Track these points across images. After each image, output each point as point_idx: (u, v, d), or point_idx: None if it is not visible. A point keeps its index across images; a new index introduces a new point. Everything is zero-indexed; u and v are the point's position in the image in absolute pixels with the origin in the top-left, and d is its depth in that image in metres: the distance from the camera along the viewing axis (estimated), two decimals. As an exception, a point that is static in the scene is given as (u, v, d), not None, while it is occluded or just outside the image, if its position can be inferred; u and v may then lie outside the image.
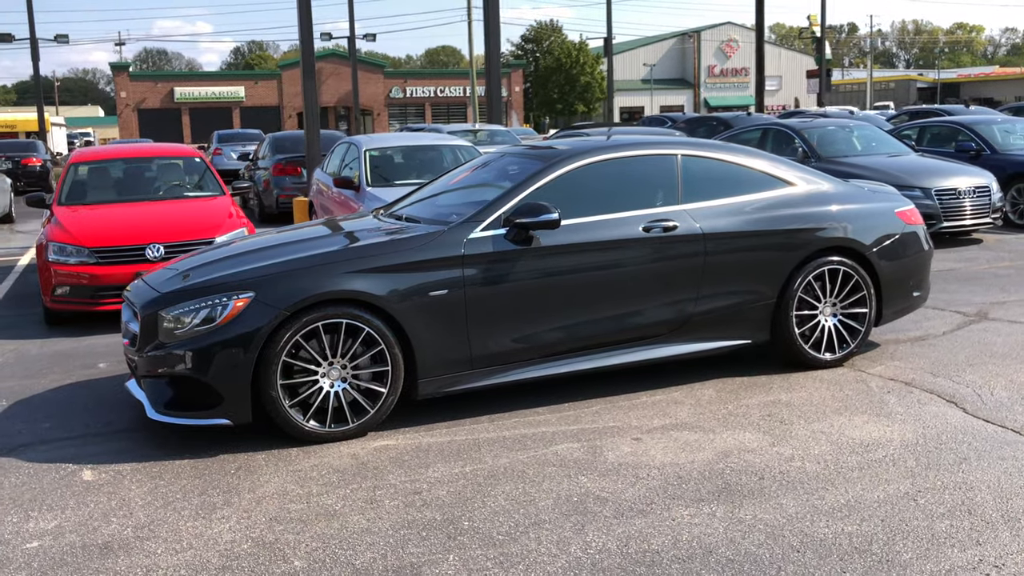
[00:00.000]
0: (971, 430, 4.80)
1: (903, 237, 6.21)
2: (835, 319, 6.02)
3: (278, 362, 4.75)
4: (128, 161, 9.62)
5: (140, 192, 9.24)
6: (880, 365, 6.07)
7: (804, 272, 5.85)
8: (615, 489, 4.18)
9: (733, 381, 5.80)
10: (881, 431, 4.83)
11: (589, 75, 75.84)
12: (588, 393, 5.60)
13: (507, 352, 5.23)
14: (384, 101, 59.38)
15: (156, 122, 54.00)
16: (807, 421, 5.02)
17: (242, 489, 4.32)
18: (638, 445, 4.73)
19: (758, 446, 4.67)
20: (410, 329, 4.97)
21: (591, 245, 5.38)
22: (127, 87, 54.19)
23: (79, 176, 9.22)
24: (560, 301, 5.31)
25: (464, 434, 4.99)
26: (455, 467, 4.51)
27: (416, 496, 4.18)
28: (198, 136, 54.40)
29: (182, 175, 9.56)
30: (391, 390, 4.98)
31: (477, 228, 5.22)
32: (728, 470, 4.37)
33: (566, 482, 4.28)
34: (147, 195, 9.17)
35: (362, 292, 4.86)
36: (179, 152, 9.94)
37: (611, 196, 5.70)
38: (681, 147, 5.93)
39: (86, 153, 9.67)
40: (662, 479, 4.28)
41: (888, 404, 5.26)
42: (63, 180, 9.18)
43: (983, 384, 5.57)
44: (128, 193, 9.19)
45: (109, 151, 9.96)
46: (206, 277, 5.02)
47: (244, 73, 61.04)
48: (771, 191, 5.95)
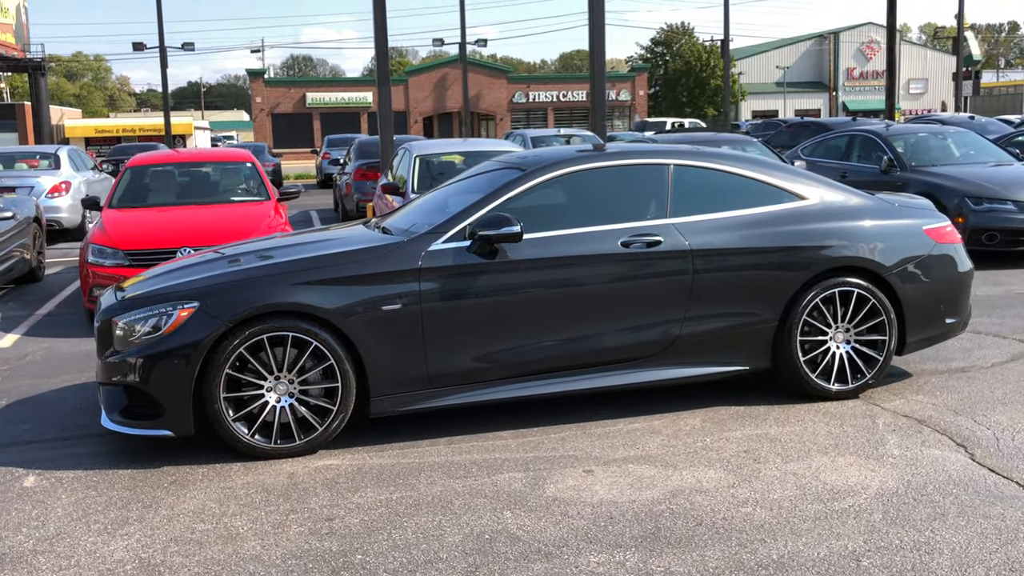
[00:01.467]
0: (967, 480, 4.23)
1: (932, 257, 5.60)
2: (848, 346, 5.47)
3: (221, 374, 4.64)
4: (181, 166, 9.84)
5: (187, 196, 9.43)
6: (899, 399, 5.49)
7: (810, 294, 5.34)
8: (535, 528, 3.87)
9: (725, 411, 5.35)
10: (861, 476, 4.32)
11: (719, 78, 74.11)
12: (563, 417, 5.27)
13: (468, 371, 4.97)
14: (507, 106, 59.61)
15: (289, 126, 55.92)
16: (784, 460, 4.56)
17: (162, 504, 4.23)
18: (586, 479, 4.39)
19: (715, 486, 4.25)
20: (361, 344, 4.78)
21: (563, 260, 5.06)
22: (262, 92, 56.33)
23: (133, 180, 9.48)
24: (528, 319, 5.01)
25: (414, 456, 4.76)
26: (384, 493, 4.29)
27: (327, 523, 3.98)
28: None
29: (232, 180, 9.71)
30: (341, 407, 4.81)
31: (439, 240, 4.98)
32: (667, 512, 3.98)
33: (488, 516, 4.00)
34: (193, 199, 9.35)
35: (308, 305, 4.70)
36: (231, 157, 10.11)
37: (592, 208, 5.36)
38: (675, 156, 5.51)
39: (143, 158, 9.95)
40: (591, 519, 3.94)
41: (885, 445, 4.72)
42: (116, 184, 9.47)
43: (1008, 427, 4.93)
44: (176, 197, 9.40)
45: (165, 156, 10.23)
46: (160, 285, 4.98)
47: (372, 79, 62.42)
48: (777, 205, 5.46)
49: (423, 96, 58.16)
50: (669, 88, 75.43)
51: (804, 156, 13.24)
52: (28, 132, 56.96)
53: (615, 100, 60.82)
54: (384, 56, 14.31)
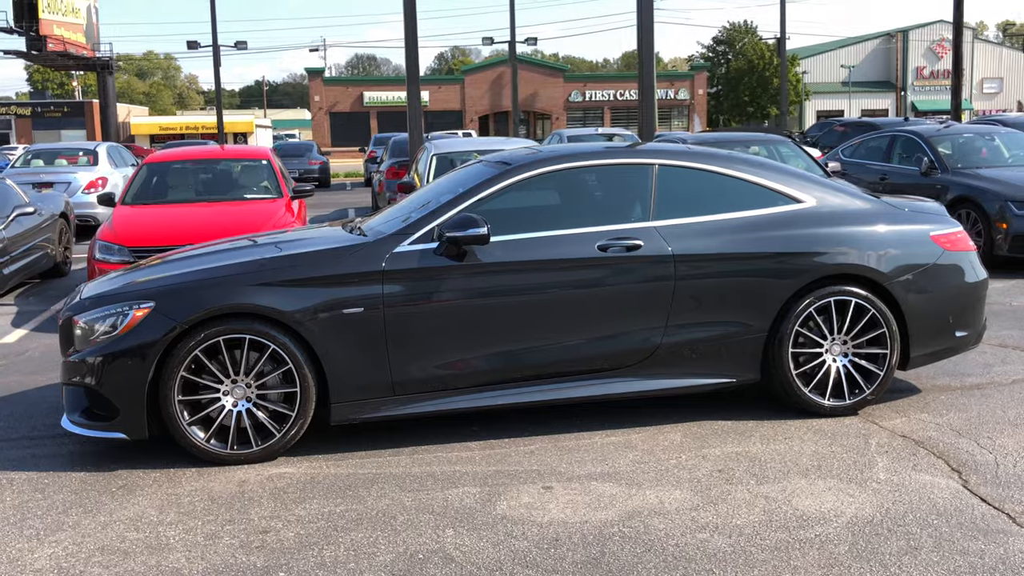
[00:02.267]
0: (952, 510, 3.89)
1: (940, 266, 5.22)
2: (846, 359, 5.13)
3: (176, 377, 4.51)
4: (197, 163, 9.82)
5: (201, 194, 9.40)
6: (900, 416, 5.13)
7: (803, 303, 5.02)
8: (473, 549, 3.65)
9: (711, 425, 5.05)
10: (838, 502, 4.01)
11: (783, 77, 72.65)
12: (538, 428, 5.04)
13: (434, 379, 4.77)
14: (563, 105, 59.28)
15: (346, 125, 56.41)
16: (758, 482, 4.26)
17: (103, 510, 4.11)
18: (542, 496, 4.15)
19: (677, 509, 3.98)
20: (320, 348, 4.60)
21: (536, 264, 4.82)
22: (321, 91, 56.91)
23: (147, 177, 9.48)
24: (498, 325, 4.79)
25: (372, 467, 4.58)
26: (329, 505, 4.11)
27: (261, 536, 3.81)
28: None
29: (246, 177, 9.65)
30: (299, 414, 4.64)
31: (405, 241, 4.78)
32: (617, 536, 3.72)
33: (428, 535, 3.79)
34: (206, 197, 9.30)
35: (265, 307, 4.55)
36: (247, 154, 10.06)
37: (571, 209, 5.12)
38: (660, 156, 5.22)
39: (160, 155, 9.96)
40: (535, 540, 3.70)
41: (873, 468, 4.39)
42: (131, 180, 9.48)
43: (1013, 452, 4.56)
44: (189, 195, 9.37)
45: (181, 153, 10.22)
46: (121, 284, 4.87)
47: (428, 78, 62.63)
48: (770, 208, 5.15)
49: (479, 95, 58.14)
50: (731, 87, 74.27)
51: (844, 157, 12.76)
52: (96, 129, 58.44)
53: (673, 99, 60.11)
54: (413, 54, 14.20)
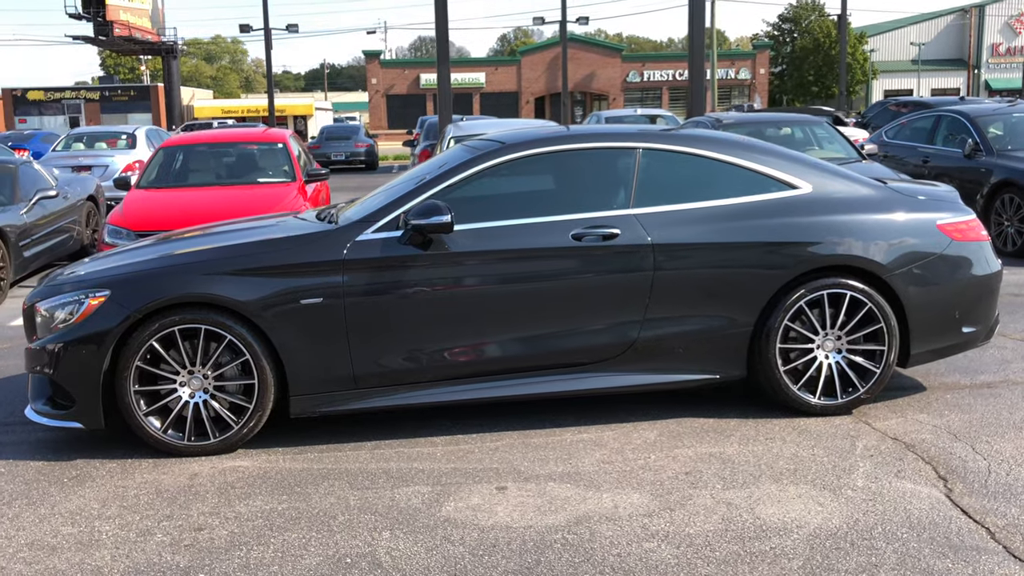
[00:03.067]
0: (928, 523, 3.60)
1: (946, 257, 4.87)
2: (839, 356, 4.82)
3: (131, 366, 4.42)
4: (213, 147, 9.78)
5: (214, 178, 9.35)
6: (897, 417, 4.81)
7: (793, 296, 4.72)
8: (406, 553, 3.48)
9: (691, 423, 4.80)
10: (805, 511, 3.74)
11: (850, 55, 70.74)
12: (510, 423, 4.84)
13: (398, 372, 4.60)
14: (621, 85, 58.50)
15: (403, 107, 56.50)
16: (725, 486, 4.00)
17: (46, 503, 4.04)
18: (493, 497, 3.96)
19: (631, 514, 3.75)
20: (277, 340, 4.47)
21: (504, 254, 4.61)
22: (378, 74, 57.06)
23: (163, 160, 9.47)
24: (465, 317, 4.59)
25: (329, 461, 4.43)
26: (272, 502, 3.98)
27: (194, 534, 3.70)
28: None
29: (261, 161, 9.58)
30: (257, 406, 4.51)
31: (369, 229, 4.61)
32: (559, 543, 3.51)
33: (364, 536, 3.63)
34: (219, 180, 9.26)
35: (219, 296, 4.42)
36: (263, 138, 9.98)
37: (547, 196, 4.90)
38: (645, 140, 4.94)
39: (175, 139, 9.95)
40: (472, 546, 3.52)
41: (852, 473, 4.09)
42: (148, 164, 9.48)
43: (1009, 458, 4.22)
44: (202, 178, 9.33)
45: (198, 137, 10.19)
46: (84, 271, 4.79)
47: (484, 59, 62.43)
48: (762, 195, 4.85)
49: (535, 76, 57.71)
50: (795, 66, 72.55)
51: (888, 139, 12.22)
52: (161, 113, 59.57)
53: (734, 79, 58.94)
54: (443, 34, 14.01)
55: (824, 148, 10.33)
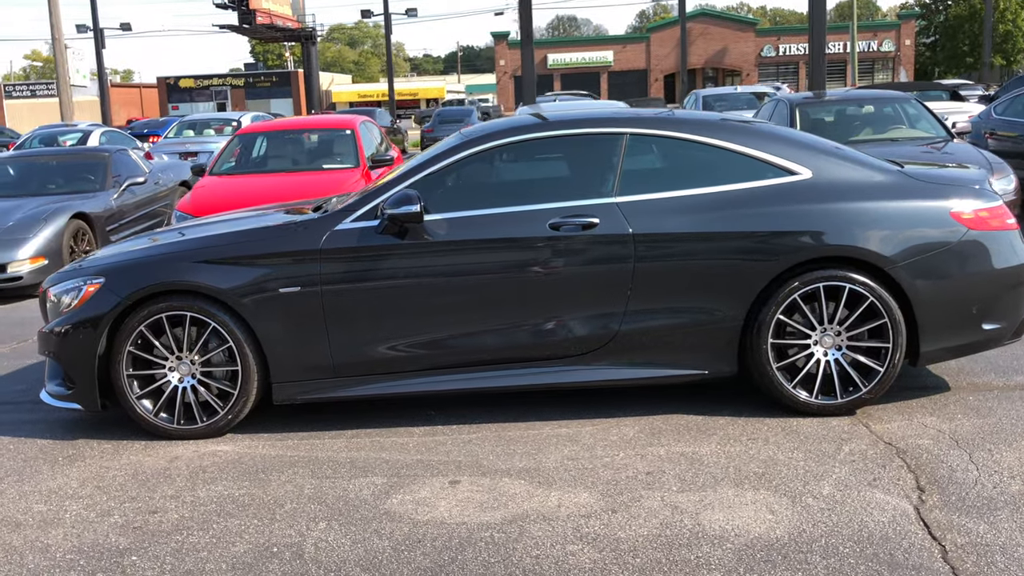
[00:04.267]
0: (880, 538, 3.35)
1: (961, 246, 4.50)
2: (839, 353, 4.54)
3: (123, 351, 4.62)
4: (284, 134, 10.07)
5: (283, 164, 9.62)
6: (903, 419, 4.49)
7: (786, 289, 4.47)
8: (331, 545, 3.51)
9: (678, 420, 4.63)
10: (752, 519, 3.55)
11: (1010, 23, 66.06)
12: (493, 415, 4.80)
13: (377, 361, 4.62)
14: (755, 60, 56.74)
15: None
16: (681, 489, 3.84)
17: (34, 480, 4.28)
18: (444, 491, 3.94)
19: (570, 515, 3.66)
20: (258, 327, 4.57)
21: (480, 243, 4.55)
22: (506, 55, 57.38)
23: (237, 148, 9.82)
24: (441, 308, 4.57)
25: (304, 449, 4.51)
26: (232, 488, 4.09)
27: (147, 516, 3.84)
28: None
29: (329, 148, 9.79)
30: (241, 392, 4.64)
31: (348, 219, 4.64)
32: (482, 542, 3.47)
33: (300, 526, 3.68)
34: (287, 167, 9.53)
35: (202, 284, 4.55)
36: (331, 124, 10.18)
37: (529, 184, 4.83)
38: (632, 124, 4.76)
39: (251, 126, 10.28)
40: (398, 540, 3.51)
41: (822, 480, 3.85)
42: (222, 152, 9.85)
43: (1006, 470, 3.88)
44: (270, 165, 9.61)
45: (271, 124, 10.49)
46: (94, 259, 5.03)
47: (612, 37, 61.65)
48: (756, 181, 4.60)
49: (665, 53, 56.66)
50: (948, 36, 68.39)
51: (997, 115, 11.37)
52: (300, 98, 61.80)
53: (876, 51, 56.19)
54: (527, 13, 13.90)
55: (912, 126, 9.70)
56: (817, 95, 10.42)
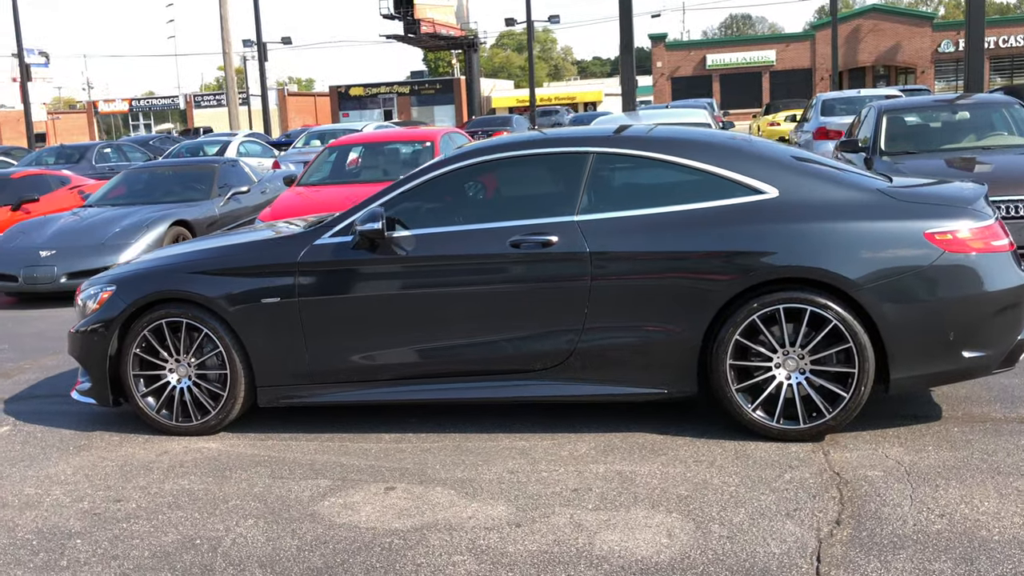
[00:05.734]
0: (761, 570, 3.28)
1: (935, 269, 4.27)
2: (801, 377, 4.41)
3: (130, 353, 5.07)
4: (368, 146, 10.50)
5: (363, 176, 10.05)
6: (868, 448, 4.31)
7: (745, 310, 4.38)
8: (248, 541, 3.76)
9: (636, 438, 4.61)
10: (645, 542, 3.53)
11: None
12: (464, 425, 4.95)
13: (349, 370, 4.86)
14: (931, 57, 53.49)
15: (687, 90, 55.68)
16: (596, 507, 3.86)
17: (41, 466, 4.76)
18: (375, 496, 4.12)
19: (475, 526, 3.76)
20: (243, 334, 4.90)
21: (444, 260, 4.70)
22: (663, 57, 56.74)
23: (325, 160, 10.33)
24: (407, 321, 4.75)
25: (279, 450, 4.81)
26: (196, 483, 4.42)
27: (109, 504, 4.22)
28: (727, 103, 55.19)
29: (408, 159, 10.15)
30: (230, 394, 4.98)
31: (327, 234, 4.90)
32: (377, 548, 3.62)
33: (228, 522, 3.95)
34: (366, 178, 9.94)
35: (195, 293, 4.93)
36: (416, 137, 10.53)
37: (497, 202, 4.93)
38: (600, 143, 4.77)
39: (341, 139, 10.77)
40: (308, 540, 3.73)
41: (741, 508, 3.77)
42: (311, 163, 10.39)
43: (939, 507, 3.68)
44: (352, 177, 10.06)
45: (360, 137, 10.95)
46: (116, 268, 5.51)
47: (774, 36, 59.78)
48: (721, 200, 4.53)
49: (830, 51, 54.40)
50: None
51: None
52: (462, 104, 63.43)
53: (1068, 44, 51.83)
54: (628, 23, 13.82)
55: (1019, 133, 9.07)
56: (962, 95, 9.89)
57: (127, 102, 75.13)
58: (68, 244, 9.47)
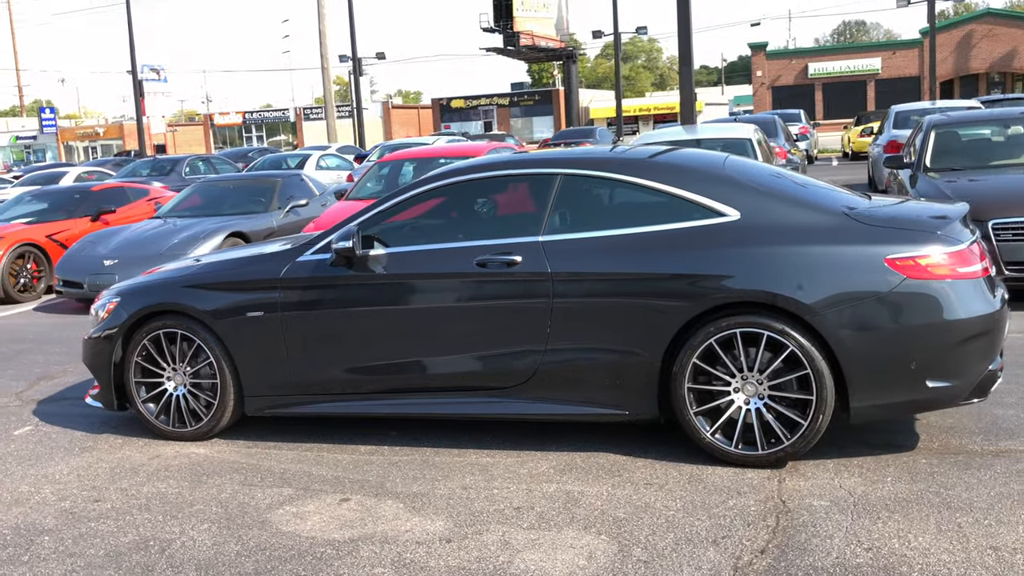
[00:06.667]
0: (663, 596, 3.28)
1: (896, 296, 4.16)
2: (760, 403, 4.35)
3: (132, 361, 5.37)
4: (415, 161, 10.71)
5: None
6: (825, 476, 4.22)
7: (702, 333, 4.36)
8: (197, 544, 3.96)
9: (599, 458, 4.63)
10: (562, 562, 3.57)
11: None
12: (439, 440, 5.06)
13: (327, 383, 5.03)
14: (1052, 63, 50.91)
15: (788, 99, 54.41)
16: (532, 526, 3.91)
17: (43, 465, 5.09)
18: (327, 507, 4.27)
19: (408, 540, 3.86)
20: (232, 346, 5.13)
21: (414, 277, 4.83)
22: (763, 65, 55.63)
23: (373, 174, 10.59)
24: (379, 337, 4.89)
25: (259, 458, 5.01)
26: (173, 487, 4.65)
27: (87, 504, 4.48)
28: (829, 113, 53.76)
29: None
30: (220, 402, 5.22)
31: (309, 251, 5.09)
32: (308, 556, 3.76)
33: (184, 526, 4.16)
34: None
35: (188, 306, 5.18)
36: (465, 151, 10.68)
37: (469, 222, 5.02)
38: (567, 165, 4.82)
39: (389, 155, 11.02)
40: (250, 545, 3.89)
41: (673, 532, 3.76)
42: (361, 177, 10.67)
43: (865, 540, 3.59)
44: (396, 190, 10.29)
45: (409, 152, 11.17)
46: (126, 280, 5.84)
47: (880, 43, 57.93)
48: (681, 223, 4.51)
49: (941, 58, 52.26)
50: None
51: None
52: (561, 115, 63.64)
53: None
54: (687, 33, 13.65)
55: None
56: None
57: (240, 115, 78.10)
58: (129, 254, 10.00)
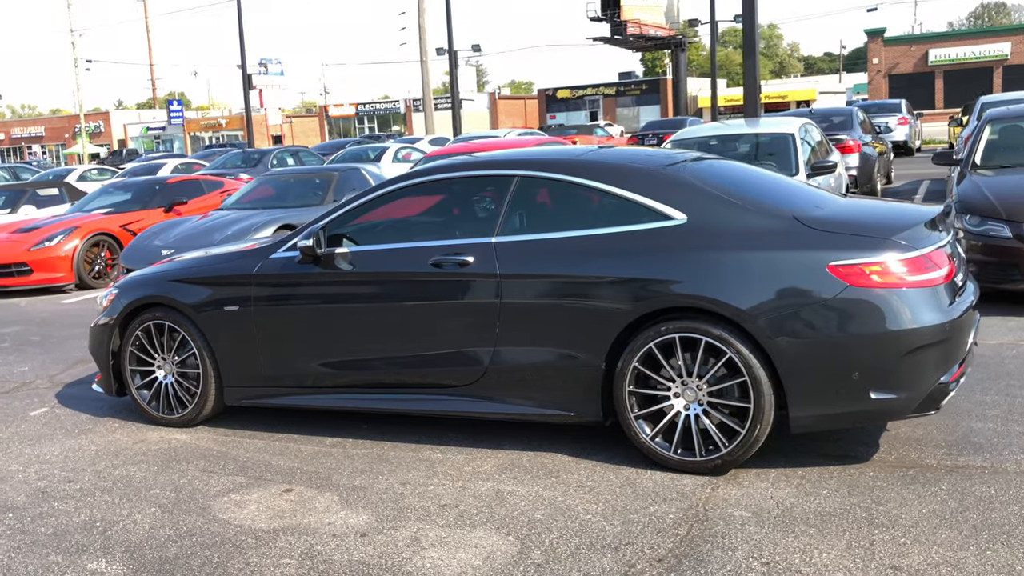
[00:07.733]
0: (538, 601, 3.28)
1: (837, 304, 4.00)
2: (699, 409, 4.27)
3: (127, 349, 5.66)
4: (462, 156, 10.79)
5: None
6: (762, 486, 4.12)
7: (643, 337, 4.30)
8: (137, 526, 4.16)
9: (544, 459, 4.64)
10: (459, 561, 3.60)
11: None
12: (405, 435, 5.16)
13: (296, 375, 5.19)
14: None
15: (906, 87, 52.15)
16: (449, 523, 3.96)
17: (44, 445, 5.42)
18: (270, 497, 4.41)
19: (331, 533, 3.96)
20: (211, 338, 5.35)
21: (372, 276, 4.92)
22: (880, 53, 53.44)
23: (418, 168, 10.74)
24: (340, 334, 5.01)
25: (228, 446, 5.21)
26: (142, 471, 4.89)
27: (63, 484, 4.76)
28: (951, 102, 51.29)
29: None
30: (202, 391, 5.45)
31: (281, 249, 5.25)
32: (228, 544, 3.91)
33: (134, 508, 4.37)
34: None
35: (174, 300, 5.42)
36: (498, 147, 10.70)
37: (426, 222, 5.08)
38: (524, 167, 4.80)
39: (438, 149, 11.13)
40: (183, 530, 4.07)
41: (578, 537, 3.74)
42: (406, 171, 10.82)
43: (769, 556, 3.49)
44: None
45: (454, 147, 11.25)
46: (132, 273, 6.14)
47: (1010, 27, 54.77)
48: (628, 225, 4.46)
49: (1078, 43, 49.24)
50: None
51: None
52: (668, 105, 62.78)
53: None
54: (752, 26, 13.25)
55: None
56: None
57: (354, 106, 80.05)
58: (185, 245, 10.43)
